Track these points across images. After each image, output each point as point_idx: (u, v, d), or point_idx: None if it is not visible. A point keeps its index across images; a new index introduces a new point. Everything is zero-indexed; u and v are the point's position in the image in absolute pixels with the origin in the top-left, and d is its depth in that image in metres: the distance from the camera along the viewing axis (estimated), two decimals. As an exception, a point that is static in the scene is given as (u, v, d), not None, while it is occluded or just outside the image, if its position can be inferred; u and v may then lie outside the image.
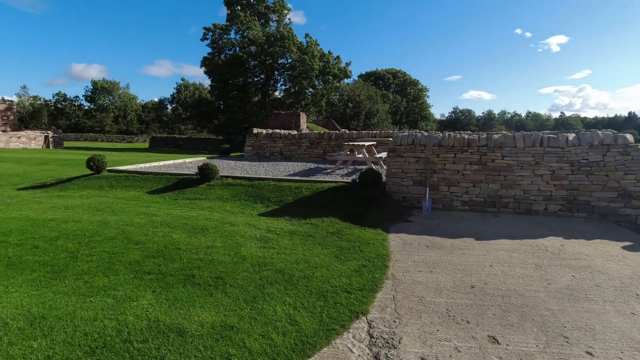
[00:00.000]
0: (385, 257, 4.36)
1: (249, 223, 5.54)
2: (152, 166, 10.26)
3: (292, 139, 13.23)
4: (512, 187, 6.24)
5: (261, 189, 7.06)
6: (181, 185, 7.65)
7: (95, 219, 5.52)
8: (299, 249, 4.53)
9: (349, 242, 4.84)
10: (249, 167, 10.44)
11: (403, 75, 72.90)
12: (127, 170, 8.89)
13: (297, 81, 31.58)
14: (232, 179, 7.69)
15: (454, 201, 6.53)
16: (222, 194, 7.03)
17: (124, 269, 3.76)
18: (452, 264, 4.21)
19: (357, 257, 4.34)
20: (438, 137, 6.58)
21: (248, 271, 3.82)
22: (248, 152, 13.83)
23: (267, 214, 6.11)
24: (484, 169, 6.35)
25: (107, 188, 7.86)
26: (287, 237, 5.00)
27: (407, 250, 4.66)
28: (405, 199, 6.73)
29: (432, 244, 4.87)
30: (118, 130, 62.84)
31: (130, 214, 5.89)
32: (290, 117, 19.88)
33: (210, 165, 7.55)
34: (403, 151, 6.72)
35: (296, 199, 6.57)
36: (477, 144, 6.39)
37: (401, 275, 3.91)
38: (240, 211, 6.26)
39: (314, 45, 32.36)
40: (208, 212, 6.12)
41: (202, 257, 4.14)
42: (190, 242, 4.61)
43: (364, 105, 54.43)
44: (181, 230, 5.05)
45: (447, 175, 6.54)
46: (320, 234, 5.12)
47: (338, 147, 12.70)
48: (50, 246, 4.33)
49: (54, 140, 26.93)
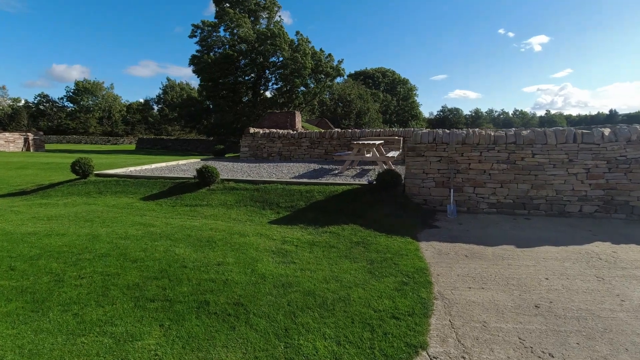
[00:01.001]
0: (424, 271, 3.81)
1: (260, 233, 4.92)
2: (144, 169, 9.52)
3: (292, 139, 12.62)
4: (544, 188, 5.78)
5: (268, 193, 6.44)
6: (178, 190, 6.97)
7: (84, 231, 4.83)
8: (324, 264, 3.95)
9: (379, 253, 4.28)
10: (248, 169, 9.79)
11: (392, 74, 72.88)
12: (116, 175, 8.15)
13: (289, 80, 30.90)
14: (235, 182, 7.05)
15: (480, 203, 6.03)
16: (226, 200, 6.38)
17: (121, 296, 3.12)
18: (503, 278, 3.68)
19: (392, 271, 3.78)
20: (462, 134, 6.08)
21: (272, 294, 3.22)
22: (244, 153, 13.15)
23: (278, 221, 5.50)
24: (513, 168, 5.87)
25: (96, 194, 7.12)
26: (307, 249, 4.41)
27: (446, 261, 4.12)
28: (427, 201, 6.21)
29: (470, 254, 4.35)
30: (103, 132, 61.04)
31: (123, 224, 5.20)
32: (285, 117, 19.23)
33: (210, 168, 6.90)
34: (424, 150, 6.20)
35: (309, 203, 5.98)
36: (504, 141, 5.91)
37: (450, 293, 3.37)
38: (248, 219, 5.64)
39: (306, 43, 31.73)
40: (212, 221, 5.48)
41: (213, 277, 3.52)
42: (197, 258, 3.98)
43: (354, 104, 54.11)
44: (185, 244, 4.40)
45: (472, 175, 6.04)
46: (343, 245, 4.54)
47: (340, 147, 12.14)
48: (30, 267, 3.65)
49: (35, 142, 25.66)
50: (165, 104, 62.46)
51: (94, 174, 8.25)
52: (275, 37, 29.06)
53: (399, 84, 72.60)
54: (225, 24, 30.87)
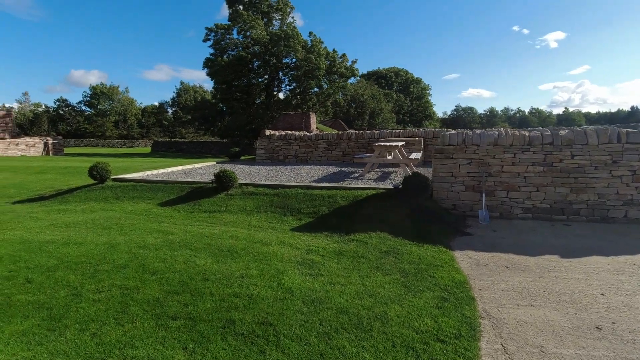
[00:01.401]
0: (464, 285, 3.50)
1: (282, 241, 4.69)
2: (161, 173, 9.43)
3: (308, 141, 12.39)
4: (585, 191, 5.37)
5: (289, 199, 6.21)
6: (196, 195, 6.80)
7: (101, 239, 4.68)
8: (355, 276, 3.68)
9: (411, 264, 3.99)
10: (266, 172, 9.60)
11: (405, 73, 72.11)
12: (133, 179, 8.06)
13: (302, 81, 30.75)
14: (254, 187, 6.84)
15: (513, 208, 5.67)
16: (245, 205, 6.18)
17: (142, 313, 2.92)
18: (553, 293, 3.35)
19: (429, 285, 3.48)
20: (494, 135, 5.72)
21: (302, 312, 2.97)
22: (260, 155, 12.99)
23: (301, 228, 5.26)
24: (550, 171, 5.49)
25: (113, 200, 7.02)
26: (334, 259, 4.15)
27: (486, 273, 3.80)
28: (456, 206, 5.87)
29: (511, 265, 4.01)
30: (119, 135, 62.20)
31: (141, 232, 5.04)
32: (300, 118, 19.04)
33: (228, 172, 6.71)
34: (452, 152, 5.86)
35: (332, 209, 5.72)
36: (540, 142, 5.53)
37: (496, 311, 3.05)
38: (269, 226, 5.41)
39: (319, 43, 31.51)
40: (232, 228, 5.27)
41: (237, 291, 3.30)
42: (219, 269, 3.76)
43: (368, 105, 53.70)
44: (205, 254, 4.20)
45: (505, 178, 5.68)
46: (373, 254, 4.26)
47: (358, 149, 11.85)
48: (47, 280, 3.49)
49: (54, 146, 26.18)
50: (179, 107, 63.32)
51: (111, 178, 8.18)
52: (289, 38, 28.95)
53: (412, 84, 71.79)
54: (238, 26, 30.94)
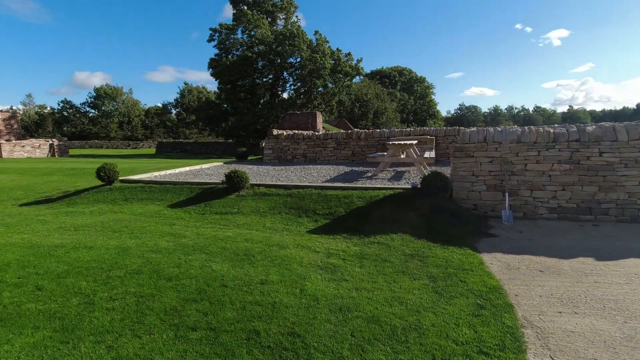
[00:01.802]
0: (499, 290, 3.29)
1: (300, 244, 4.50)
2: (169, 174, 9.27)
3: (317, 140, 12.19)
4: (614, 190, 5.14)
5: (303, 199, 6.02)
6: (206, 196, 6.63)
7: (112, 243, 4.51)
8: (381, 282, 3.48)
9: (439, 268, 3.78)
10: (275, 172, 9.42)
11: (409, 72, 71.78)
12: (142, 180, 7.90)
13: (307, 80, 30.57)
14: (266, 187, 6.66)
15: (538, 208, 5.44)
16: (258, 207, 6.00)
17: (159, 323, 2.73)
18: (596, 300, 3.13)
19: (461, 291, 3.28)
20: (516, 132, 5.50)
21: (330, 321, 2.77)
22: (268, 155, 12.81)
23: (318, 230, 5.07)
24: (577, 169, 5.26)
25: (121, 202, 6.86)
26: (357, 263, 3.95)
27: (519, 278, 3.59)
28: (477, 206, 5.65)
29: (545, 268, 3.80)
30: (123, 136, 62.34)
31: (153, 235, 4.87)
32: (306, 118, 18.85)
33: (240, 173, 6.53)
34: (472, 150, 5.65)
35: (349, 210, 5.52)
36: (566, 139, 5.30)
37: (538, 320, 2.84)
38: (285, 228, 5.22)
39: (324, 42, 31.34)
40: (246, 231, 5.09)
41: (258, 298, 3.11)
42: (237, 275, 3.58)
43: (372, 104, 53.45)
44: (221, 258, 4.02)
45: (529, 177, 5.45)
46: (396, 258, 4.06)
47: (368, 148, 11.64)
48: (58, 287, 3.32)
49: (59, 148, 26.17)
50: (183, 107, 63.44)
51: (119, 179, 8.03)
52: (294, 37, 28.79)
53: (415, 83, 71.46)
54: (242, 25, 30.83)
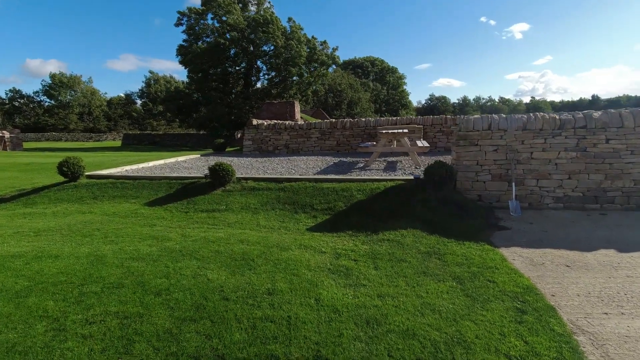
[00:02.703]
0: (533, 290, 3.01)
1: (303, 244, 4.05)
2: (141, 168, 8.47)
3: (300, 130, 11.67)
4: (620, 178, 5.05)
5: (297, 194, 5.55)
6: (188, 192, 6.01)
7: (83, 250, 3.87)
8: (403, 285, 3.11)
9: (461, 266, 3.47)
10: (260, 164, 8.84)
11: (381, 63, 72.07)
12: (112, 175, 7.11)
13: (282, 69, 29.70)
14: (254, 181, 6.12)
15: (544, 198, 5.28)
16: (248, 202, 5.47)
17: (152, 353, 2.23)
18: (638, 297, 2.91)
19: (494, 293, 2.97)
20: (522, 119, 5.28)
21: (359, 339, 2.37)
22: (248, 146, 12.15)
23: (319, 228, 4.63)
24: (583, 157, 5.12)
25: (90, 200, 6.10)
26: (370, 263, 3.57)
27: (548, 275, 3.33)
28: (481, 197, 5.42)
29: (570, 263, 3.57)
30: (84, 128, 58.61)
31: (131, 239, 4.25)
32: (284, 107, 18.19)
33: (225, 165, 5.95)
34: (477, 138, 5.39)
35: (349, 205, 5.12)
36: (572, 126, 5.14)
37: (586, 323, 2.57)
38: (281, 226, 4.75)
39: (299, 30, 30.49)
40: (239, 230, 4.57)
41: (269, 313, 2.65)
42: (238, 284, 3.09)
43: (345, 94, 53.23)
44: (216, 264, 3.51)
45: (534, 166, 5.27)
46: (413, 257, 3.71)
47: (354, 137, 11.27)
48: (17, 309, 2.71)
49: (12, 141, 24.00)
50: (149, 98, 60.40)
51: (85, 175, 7.20)
52: (268, 24, 27.76)
53: (387, 73, 71.90)
54: (213, 10, 29.34)
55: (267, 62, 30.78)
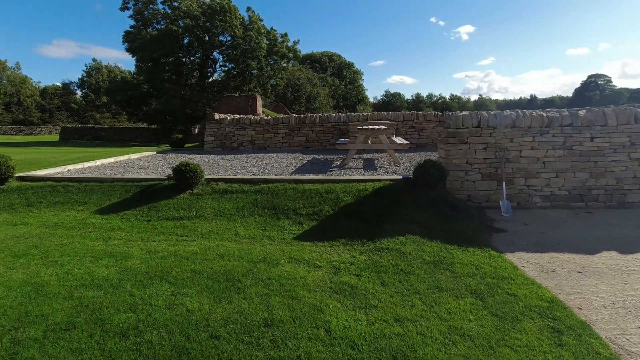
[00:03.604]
0: (558, 304, 2.78)
1: (293, 257, 3.55)
2: (88, 168, 7.38)
3: (266, 125, 11.00)
4: (604, 176, 5.11)
5: (276, 197, 5.00)
6: (149, 196, 5.21)
7: (16, 277, 3.07)
8: (419, 304, 2.74)
9: (473, 277, 3.17)
10: (226, 162, 8.11)
11: (339, 58, 72.40)
12: (51, 177, 6.05)
13: (240, 61, 28.44)
14: (226, 182, 5.47)
15: (532, 197, 5.22)
16: (222, 208, 4.82)
17: None
18: (660, 306, 2.77)
19: (520, 309, 2.70)
20: (511, 117, 5.16)
21: (393, 384, 1.94)
22: (210, 142, 11.25)
23: (307, 236, 4.14)
24: (570, 155, 5.12)
25: (23, 209, 5.08)
26: (375, 278, 3.16)
27: (564, 283, 3.14)
28: (471, 197, 5.25)
29: (581, 268, 3.43)
30: (12, 120, 52.45)
31: (81, 258, 3.48)
32: (245, 101, 17.31)
33: (192, 165, 5.24)
34: (466, 136, 5.19)
35: (337, 208, 4.67)
36: (559, 124, 5.11)
37: (627, 342, 2.38)
38: (264, 235, 4.19)
39: (258, 20, 29.35)
40: (216, 242, 3.95)
41: (273, 354, 2.16)
42: (227, 315, 2.54)
43: (304, 88, 52.74)
44: (194, 288, 2.91)
45: (523, 164, 5.18)
46: (419, 268, 3.36)
47: (324, 134, 10.84)
48: None
49: None
50: (91, 88, 55.49)
51: (16, 177, 6.06)
52: (225, 12, 26.35)
53: (345, 68, 72.41)
54: (164, -6, 27.28)
55: (224, 53, 29.31)
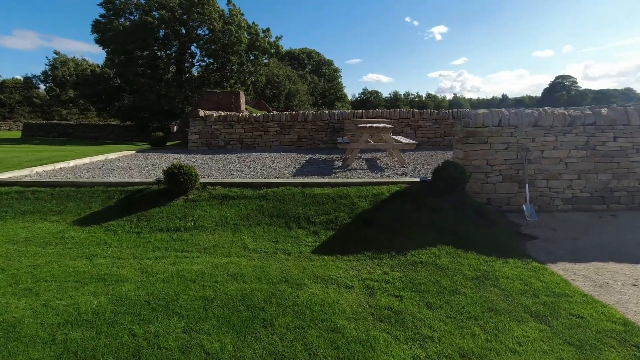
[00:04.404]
0: (632, 327, 2.47)
1: (317, 275, 3.09)
2: (60, 170, 6.59)
3: (255, 123, 10.40)
4: (626, 177, 4.93)
5: (284, 203, 4.51)
6: (136, 204, 4.59)
7: (-22, 312, 2.44)
8: (480, 333, 2.37)
9: (526, 295, 2.83)
10: (216, 163, 7.49)
11: (317, 55, 71.96)
12: (16, 181, 5.28)
13: (220, 56, 27.43)
14: (224, 187, 4.91)
15: (554, 199, 4.98)
16: (223, 216, 4.28)
17: None
18: None
19: (593, 335, 2.37)
20: (533, 115, 4.89)
21: None
22: (194, 141, 10.53)
23: (326, 248, 3.68)
24: (593, 155, 4.91)
25: (-16, 219, 4.34)
26: (418, 299, 2.76)
27: (625, 299, 2.85)
28: (490, 200, 4.95)
29: (634, 280, 3.16)
30: (-33, 116, 48.79)
31: (62, 283, 2.88)
32: (228, 97, 16.54)
33: (187, 168, 4.66)
34: (487, 135, 4.88)
35: (354, 215, 4.24)
36: (582, 122, 4.89)
37: None
38: (277, 247, 3.70)
39: (238, 14, 28.40)
40: (223, 258, 3.42)
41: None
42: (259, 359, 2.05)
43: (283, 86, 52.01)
44: (209, 322, 2.40)
45: (545, 165, 4.93)
46: (462, 285, 2.98)
47: (316, 132, 10.36)
48: None
49: None
50: (56, 82, 52.44)
51: (-25, 181, 5.25)
52: (203, 4, 25.28)
53: (323, 65, 72.07)
54: (137, -16, 25.87)
55: (203, 47, 28.19)
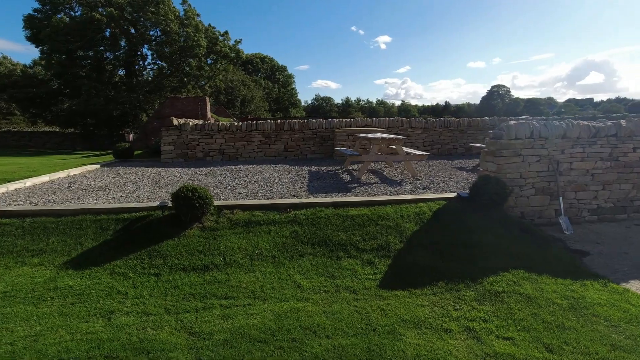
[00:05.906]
0: None
1: (404, 318, 2.66)
2: (15, 192, 5.40)
3: (238, 133, 9.61)
4: (645, 187, 5.07)
5: (320, 227, 3.98)
6: (140, 235, 3.79)
7: None
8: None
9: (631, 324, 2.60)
10: (207, 179, 6.68)
11: (271, 60, 71.43)
12: (-31, 212, 4.16)
13: (177, 59, 25.83)
14: (242, 210, 4.26)
15: (582, 211, 4.98)
16: (255, 247, 3.65)
17: None
18: None
19: None
20: (562, 127, 4.86)
21: None
22: (168, 152, 9.48)
23: (393, 282, 3.23)
24: (616, 166, 4.99)
25: None
26: (531, 340, 2.43)
27: None
28: (524, 214, 4.83)
29: None
30: None
31: (89, 362, 2.13)
32: (194, 103, 15.38)
33: (200, 190, 3.96)
34: (520, 148, 4.75)
35: (405, 239, 3.83)
36: (605, 134, 4.96)
37: None
38: (335, 284, 3.17)
39: (195, 15, 26.99)
40: (282, 305, 2.83)
41: None
42: None
43: (238, 91, 50.69)
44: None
45: (573, 177, 4.92)
46: (564, 317, 2.70)
47: (304, 141, 9.84)
48: None
49: None
50: (-24, 84, 46.29)
51: None
52: (158, 3, 23.63)
53: (277, 71, 71.68)
54: (78, -23, 23.53)
55: (155, 49, 26.35)
